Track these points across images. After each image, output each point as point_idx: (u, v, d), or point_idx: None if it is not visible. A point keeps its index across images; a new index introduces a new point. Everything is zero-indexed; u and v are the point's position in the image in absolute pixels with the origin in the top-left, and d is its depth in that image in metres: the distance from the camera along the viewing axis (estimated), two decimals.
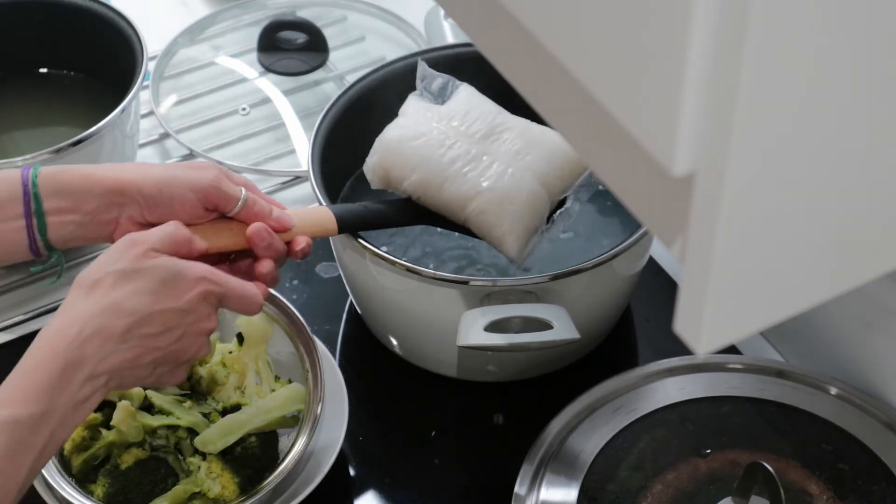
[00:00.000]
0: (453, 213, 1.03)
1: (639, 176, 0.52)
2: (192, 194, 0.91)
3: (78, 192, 0.91)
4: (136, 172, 0.92)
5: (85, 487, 0.98)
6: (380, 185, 1.05)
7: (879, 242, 0.53)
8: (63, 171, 0.91)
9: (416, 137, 1.04)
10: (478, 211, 1.01)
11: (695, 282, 0.50)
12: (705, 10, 0.43)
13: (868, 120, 0.48)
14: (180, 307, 0.85)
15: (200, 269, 0.87)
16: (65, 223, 0.91)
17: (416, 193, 1.03)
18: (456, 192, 1.01)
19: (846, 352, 1.06)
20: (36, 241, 0.91)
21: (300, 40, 1.42)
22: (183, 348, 0.87)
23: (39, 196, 0.90)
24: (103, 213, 0.91)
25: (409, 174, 1.03)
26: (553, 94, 0.56)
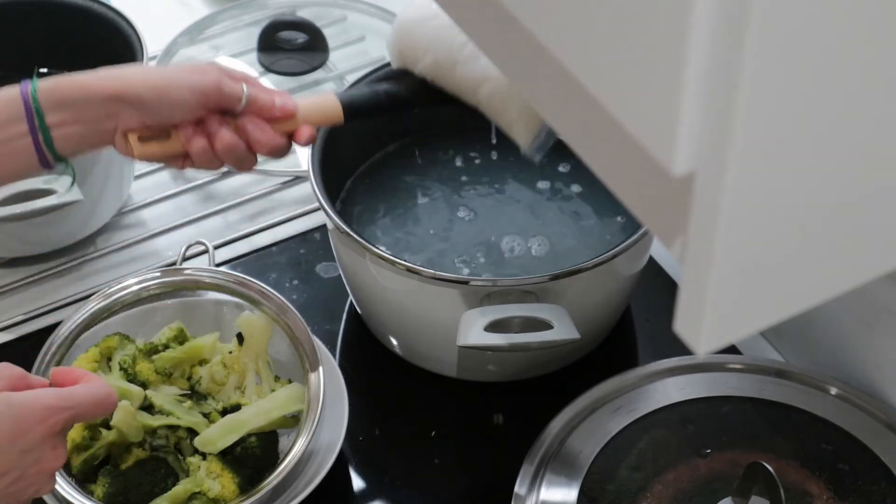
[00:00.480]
0: (466, 96, 0.99)
1: (639, 176, 0.52)
2: (193, 97, 0.90)
3: (78, 103, 0.89)
4: (135, 79, 0.90)
5: (85, 487, 0.98)
6: (399, 64, 1.01)
7: (879, 242, 0.53)
8: (61, 82, 0.90)
9: (432, 18, 1.00)
10: (489, 94, 0.97)
11: (695, 282, 0.50)
12: (705, 10, 0.43)
13: (868, 120, 0.48)
14: (19, 448, 0.80)
15: (43, 400, 0.81)
16: (68, 134, 0.90)
17: (430, 75, 0.99)
18: (468, 75, 0.98)
19: (846, 352, 1.06)
20: (45, 154, 0.90)
21: (300, 40, 1.42)
22: (20, 490, 0.81)
23: (41, 111, 0.89)
24: (104, 121, 0.90)
25: (422, 55, 0.99)
26: (552, 93, 0.56)
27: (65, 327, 1.04)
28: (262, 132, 0.92)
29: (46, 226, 1.21)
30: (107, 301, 1.06)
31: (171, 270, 1.09)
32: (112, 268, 1.25)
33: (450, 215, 1.17)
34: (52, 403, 0.81)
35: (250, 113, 0.92)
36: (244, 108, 0.92)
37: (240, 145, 0.92)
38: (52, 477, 0.83)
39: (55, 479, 0.85)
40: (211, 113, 0.91)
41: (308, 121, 0.94)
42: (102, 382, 0.86)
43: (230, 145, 0.91)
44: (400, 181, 1.21)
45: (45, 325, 1.18)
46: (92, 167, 1.20)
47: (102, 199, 1.24)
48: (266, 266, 1.25)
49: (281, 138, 0.93)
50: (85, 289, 1.22)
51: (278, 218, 1.29)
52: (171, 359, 1.04)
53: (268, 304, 1.05)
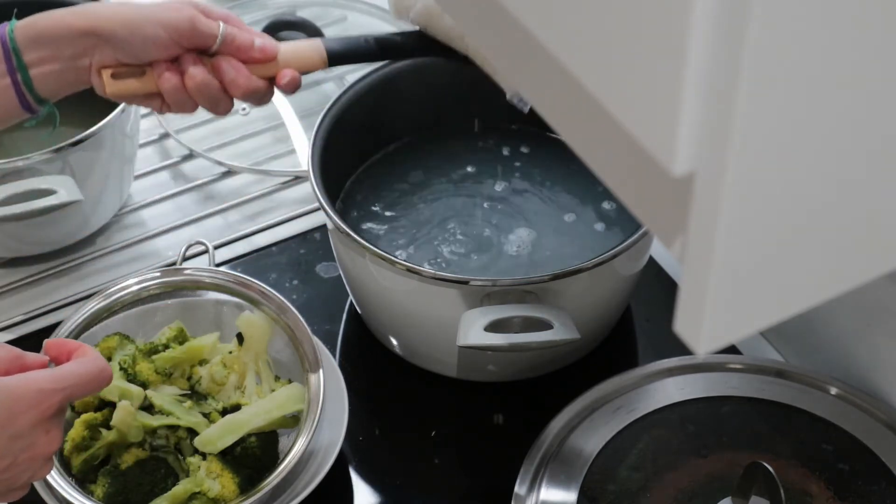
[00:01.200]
0: (455, 42, 0.97)
1: (639, 176, 0.52)
2: (165, 33, 0.89)
3: (54, 39, 0.89)
4: (108, 14, 0.89)
5: (85, 487, 0.98)
6: (395, 11, 1.00)
7: (879, 242, 0.53)
8: (37, 20, 0.90)
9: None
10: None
11: (695, 282, 0.50)
12: (705, 9, 0.43)
13: (869, 120, 0.48)
14: (9, 434, 0.78)
15: (35, 384, 0.80)
16: (46, 73, 0.89)
17: (421, 22, 0.97)
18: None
19: (846, 352, 1.06)
20: (25, 96, 0.90)
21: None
22: (13, 477, 0.80)
23: (19, 50, 0.89)
24: (80, 58, 0.90)
25: (413, 2, 0.97)
26: (552, 92, 0.56)
27: (65, 327, 1.04)
28: (238, 72, 0.90)
29: (46, 226, 1.21)
30: (107, 301, 1.06)
31: (171, 270, 1.09)
32: (112, 268, 1.25)
33: (450, 215, 1.17)
34: (44, 386, 0.80)
35: (228, 53, 0.91)
36: (221, 48, 0.90)
37: (213, 84, 0.90)
38: (48, 462, 0.82)
39: (51, 464, 0.83)
40: (186, 51, 0.90)
41: (289, 64, 0.92)
42: (95, 355, 0.84)
43: (202, 84, 0.90)
44: (400, 181, 1.21)
45: (45, 325, 1.18)
46: (92, 167, 1.20)
47: (102, 199, 1.24)
48: (266, 266, 1.25)
49: (259, 81, 0.92)
50: (85, 289, 1.22)
51: (278, 218, 1.29)
52: (171, 359, 1.04)
53: (268, 304, 1.05)
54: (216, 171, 1.33)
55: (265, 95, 0.93)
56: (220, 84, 0.91)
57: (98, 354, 0.85)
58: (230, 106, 0.93)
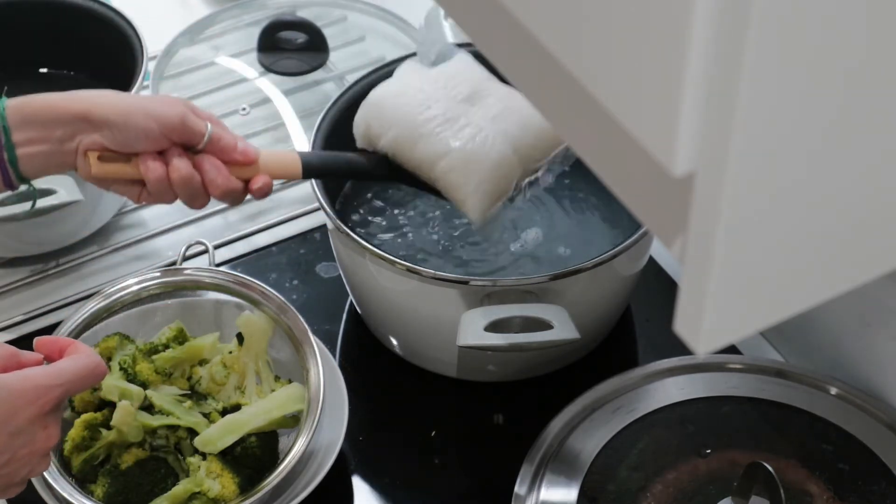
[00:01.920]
0: (424, 172, 1.01)
1: (639, 176, 0.52)
2: (157, 127, 0.91)
3: (45, 122, 0.90)
4: (103, 101, 0.91)
5: (85, 487, 0.98)
6: (363, 142, 1.04)
7: (879, 242, 0.53)
8: (30, 101, 0.91)
9: (398, 96, 1.03)
10: (446, 169, 1.00)
11: (695, 282, 0.50)
12: (706, 9, 0.43)
13: (868, 120, 0.48)
14: (8, 431, 0.79)
15: (32, 380, 0.81)
16: (33, 154, 0.91)
17: (391, 151, 1.01)
18: (428, 151, 1.00)
19: (846, 352, 1.06)
20: (8, 173, 0.91)
21: (300, 40, 1.42)
22: (11, 473, 0.81)
23: (8, 129, 0.90)
24: (68, 141, 0.91)
25: (386, 131, 1.01)
26: (552, 93, 0.56)
27: (65, 327, 1.04)
28: (219, 172, 0.93)
29: (46, 226, 1.21)
30: (107, 301, 1.06)
31: (171, 270, 1.09)
32: (112, 268, 1.25)
33: (450, 215, 1.17)
34: (41, 383, 0.81)
35: (211, 153, 0.94)
36: (206, 147, 0.93)
37: (195, 179, 0.93)
38: (46, 457, 0.83)
39: (49, 460, 0.84)
40: (173, 145, 0.92)
41: (267, 170, 0.96)
42: (89, 352, 0.86)
43: (186, 177, 0.92)
44: None
45: (45, 325, 1.18)
46: None
47: (102, 199, 1.24)
48: (266, 266, 1.25)
49: (236, 182, 0.94)
50: (85, 289, 1.22)
51: (278, 218, 1.29)
52: (171, 359, 1.04)
53: (268, 304, 1.05)
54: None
55: (239, 196, 0.96)
56: (202, 181, 0.93)
57: (91, 350, 0.86)
58: (206, 202, 0.95)
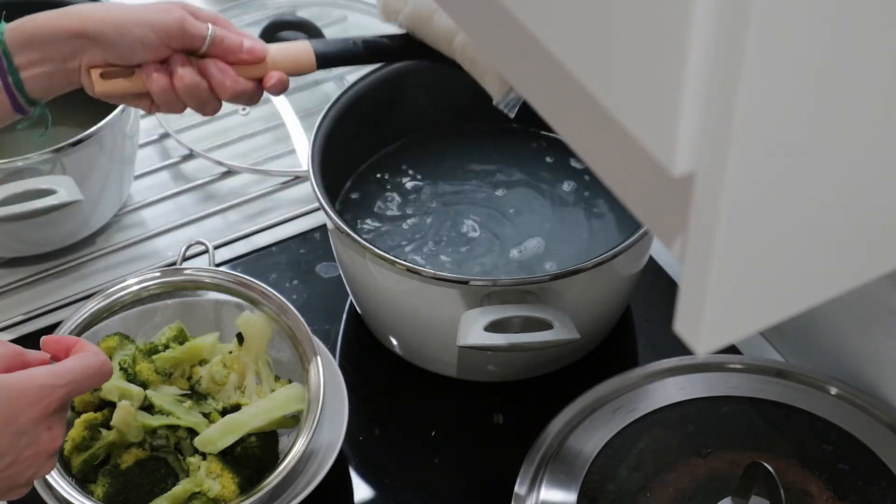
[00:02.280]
0: (443, 47, 0.98)
1: (639, 175, 0.52)
2: (154, 35, 0.89)
3: (44, 41, 0.89)
4: (97, 15, 0.90)
5: (85, 487, 0.98)
6: (386, 18, 1.01)
7: (879, 242, 0.53)
8: (26, 22, 0.90)
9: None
10: (463, 43, 0.97)
11: (695, 282, 0.50)
12: (706, 9, 0.43)
13: (869, 120, 0.48)
14: (12, 432, 0.78)
15: (36, 380, 0.80)
16: (37, 75, 0.90)
17: (410, 26, 0.98)
18: (444, 24, 0.97)
19: (846, 352, 1.06)
20: (16, 97, 0.90)
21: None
22: (16, 474, 0.80)
23: (9, 52, 0.89)
24: (69, 59, 0.90)
25: (402, 5, 0.98)
26: (552, 92, 0.56)
27: (65, 327, 1.04)
28: (225, 74, 0.91)
29: (46, 226, 1.21)
30: (107, 301, 1.06)
31: (171, 270, 1.09)
32: (112, 268, 1.25)
33: (450, 215, 1.17)
34: (46, 382, 0.80)
35: (216, 55, 0.91)
36: (209, 49, 0.91)
37: (201, 86, 0.91)
38: (50, 459, 0.82)
39: (54, 461, 0.83)
40: (175, 52, 0.91)
41: (278, 66, 0.93)
42: (95, 350, 0.85)
43: (191, 85, 0.91)
44: (400, 181, 1.21)
45: (45, 325, 1.18)
46: (92, 167, 1.20)
47: (102, 199, 1.24)
48: (266, 266, 1.25)
49: (246, 82, 0.92)
50: (85, 289, 1.22)
51: (278, 218, 1.29)
52: (171, 359, 1.04)
53: (268, 304, 1.05)
54: (216, 171, 1.33)
55: (253, 96, 0.94)
56: (209, 85, 0.92)
57: (97, 349, 0.85)
58: (218, 107, 0.94)
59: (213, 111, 0.93)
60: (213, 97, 0.92)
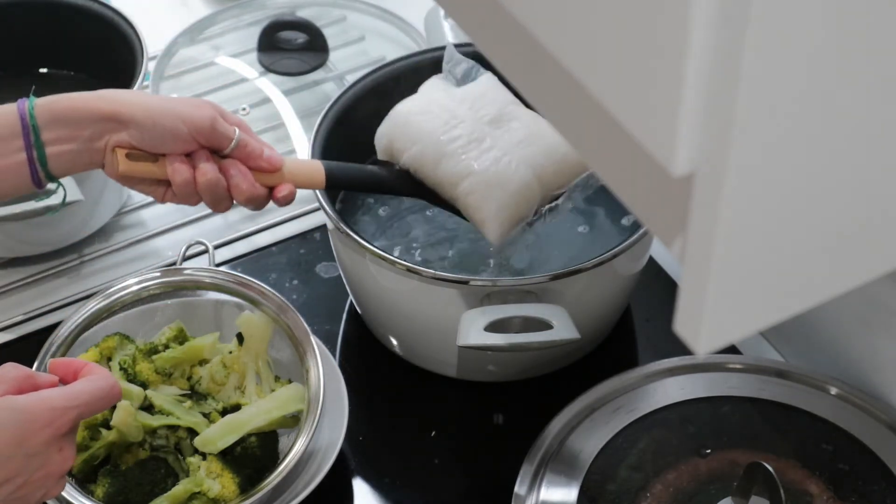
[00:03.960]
0: (445, 191, 1.03)
1: (639, 176, 0.52)
2: (186, 128, 0.91)
3: (74, 120, 0.91)
4: (132, 101, 0.92)
5: (85, 487, 0.98)
6: (384, 155, 1.06)
7: (879, 242, 0.53)
8: (58, 100, 0.91)
9: (423, 113, 1.04)
10: (467, 191, 1.01)
11: (695, 282, 0.50)
12: (705, 9, 0.43)
13: (868, 120, 0.48)
14: (24, 453, 0.79)
15: (48, 402, 0.80)
16: (62, 152, 0.91)
17: (413, 166, 1.03)
18: (450, 171, 1.02)
19: (846, 352, 1.06)
20: (37, 172, 0.91)
21: (300, 40, 1.42)
22: (26, 495, 0.80)
23: (38, 128, 0.90)
24: (97, 140, 0.91)
25: (409, 147, 1.03)
26: (553, 93, 0.56)
27: (65, 327, 1.04)
28: (244, 178, 0.94)
29: (46, 226, 1.21)
30: (107, 301, 1.06)
31: (171, 270, 1.09)
32: (112, 268, 1.25)
33: (451, 215, 1.17)
34: (57, 405, 0.81)
35: (237, 158, 0.94)
36: (233, 152, 0.94)
37: (221, 184, 0.93)
38: (61, 480, 0.83)
39: (64, 482, 0.83)
40: (200, 148, 0.93)
41: (291, 179, 0.97)
42: (104, 373, 0.86)
43: (212, 182, 0.93)
44: None
45: (45, 325, 1.18)
46: None
47: (102, 199, 1.24)
48: (266, 266, 1.25)
49: (260, 188, 0.95)
50: (85, 289, 1.22)
51: (278, 218, 1.30)
52: (171, 359, 1.04)
53: (268, 304, 1.05)
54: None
55: (263, 202, 0.96)
56: (226, 185, 0.94)
57: (107, 372, 0.86)
58: (230, 206, 0.96)
59: (225, 209, 0.96)
60: (228, 196, 0.95)
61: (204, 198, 0.94)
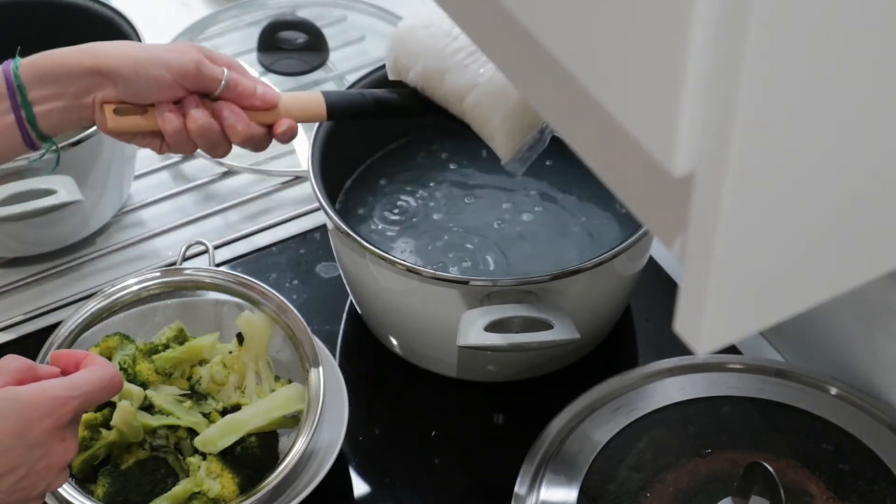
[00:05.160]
0: (452, 106, 1.00)
1: (639, 176, 0.52)
2: (170, 75, 0.90)
3: (59, 77, 0.90)
4: (113, 53, 0.90)
5: (85, 487, 0.98)
6: (393, 74, 1.02)
7: (879, 242, 0.53)
8: (41, 58, 0.91)
9: (426, 27, 1.01)
10: (474, 103, 0.98)
11: (695, 282, 0.50)
12: (705, 9, 0.43)
13: (868, 120, 0.48)
14: (26, 443, 0.79)
15: (50, 392, 0.80)
16: (50, 110, 0.90)
17: (420, 84, 1.00)
18: (456, 83, 0.99)
19: (846, 352, 1.06)
20: (28, 132, 0.91)
21: (300, 40, 1.42)
22: (29, 486, 0.80)
23: (24, 87, 0.89)
24: (84, 96, 0.90)
25: (413, 63, 1.00)
26: (552, 92, 0.56)
27: (65, 327, 1.04)
28: (238, 118, 0.92)
29: (46, 226, 1.21)
30: (107, 301, 1.06)
31: (171, 270, 1.09)
32: (112, 268, 1.25)
33: (451, 215, 1.17)
34: (59, 394, 0.80)
35: (230, 99, 0.92)
36: (223, 93, 0.92)
37: (214, 128, 0.91)
38: (63, 471, 0.82)
39: (67, 473, 0.83)
40: (189, 94, 0.91)
41: (289, 114, 0.94)
42: (104, 363, 0.85)
43: (203, 127, 0.91)
44: (400, 181, 1.21)
45: (45, 325, 1.18)
46: (92, 167, 1.20)
47: (102, 199, 1.24)
48: (266, 266, 1.25)
49: (258, 128, 0.93)
50: (85, 289, 1.22)
51: (278, 218, 1.29)
52: (171, 359, 1.04)
53: (268, 304, 1.05)
54: (216, 171, 1.33)
55: (262, 142, 0.94)
56: (221, 128, 0.92)
57: (108, 362, 0.86)
58: (228, 150, 0.94)
59: (223, 154, 0.94)
60: (225, 140, 0.93)
61: (198, 144, 0.92)
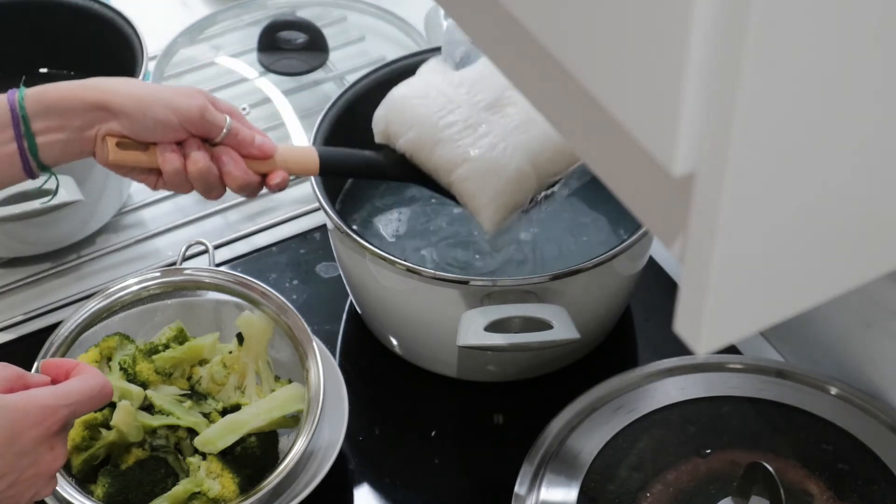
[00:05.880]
0: (441, 177, 1.02)
1: (639, 176, 0.52)
2: (176, 118, 0.91)
3: (64, 110, 0.90)
4: (121, 90, 0.91)
5: (85, 487, 0.98)
6: (381, 138, 1.04)
7: (879, 242, 0.53)
8: (48, 89, 0.91)
9: (421, 97, 1.03)
10: (463, 177, 1.00)
11: (695, 282, 0.50)
12: (705, 10, 0.43)
13: (868, 120, 0.48)
14: (14, 451, 0.79)
15: (39, 400, 0.81)
16: (52, 142, 0.91)
17: (409, 151, 1.02)
18: (446, 156, 1.01)
19: (846, 352, 1.06)
20: (29, 162, 0.91)
21: (300, 40, 1.42)
22: (17, 494, 0.80)
23: (28, 118, 0.90)
24: (87, 129, 0.91)
25: (405, 131, 1.02)
26: (552, 92, 0.56)
27: (65, 327, 1.04)
28: (236, 165, 0.94)
29: (46, 226, 1.21)
30: (107, 301, 1.06)
31: (171, 270, 1.09)
32: (112, 268, 1.25)
33: (451, 215, 1.17)
34: (48, 403, 0.81)
35: (229, 145, 0.94)
36: (224, 139, 0.93)
37: (213, 172, 0.93)
38: (52, 479, 0.83)
39: (55, 482, 0.84)
40: (191, 137, 0.93)
41: (284, 166, 0.96)
42: (94, 372, 0.86)
43: (203, 170, 0.92)
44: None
45: (45, 325, 1.18)
46: (92, 167, 1.20)
47: (102, 199, 1.24)
48: (266, 266, 1.25)
49: (254, 176, 0.95)
50: (85, 289, 1.22)
51: (278, 218, 1.30)
52: (171, 359, 1.04)
53: (268, 304, 1.05)
54: None
55: (255, 190, 0.96)
56: (219, 173, 0.94)
57: (98, 371, 0.86)
58: (222, 194, 0.95)
59: (217, 197, 0.95)
60: (221, 184, 0.94)
61: (195, 186, 0.94)
